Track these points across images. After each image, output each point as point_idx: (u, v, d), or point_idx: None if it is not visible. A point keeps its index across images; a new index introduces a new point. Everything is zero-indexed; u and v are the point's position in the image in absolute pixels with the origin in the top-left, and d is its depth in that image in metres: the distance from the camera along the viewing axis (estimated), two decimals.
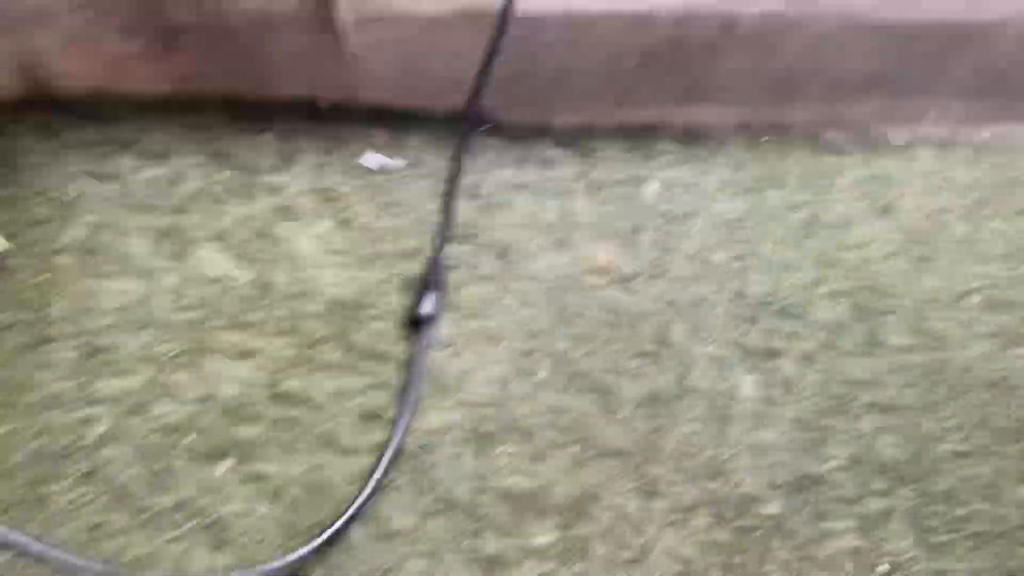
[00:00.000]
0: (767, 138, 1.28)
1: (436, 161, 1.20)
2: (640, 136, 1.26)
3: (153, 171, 1.16)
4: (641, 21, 1.11)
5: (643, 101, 1.25)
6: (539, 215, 1.18)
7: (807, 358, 1.09)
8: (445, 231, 1.12)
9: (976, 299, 1.18)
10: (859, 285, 1.16)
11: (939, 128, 1.33)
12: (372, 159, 1.19)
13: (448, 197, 1.12)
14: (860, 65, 1.23)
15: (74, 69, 1.11)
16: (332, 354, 1.05)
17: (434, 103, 1.21)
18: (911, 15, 1.14)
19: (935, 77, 1.27)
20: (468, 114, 1.12)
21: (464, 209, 1.16)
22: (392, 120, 1.22)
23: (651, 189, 1.22)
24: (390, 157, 1.20)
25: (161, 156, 1.17)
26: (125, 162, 1.16)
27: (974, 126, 1.34)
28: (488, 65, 1.08)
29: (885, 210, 1.24)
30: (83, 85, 1.14)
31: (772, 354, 1.09)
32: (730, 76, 1.22)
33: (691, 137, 1.28)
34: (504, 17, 1.06)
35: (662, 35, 1.14)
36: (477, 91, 1.10)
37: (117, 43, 1.08)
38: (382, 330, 1.07)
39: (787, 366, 1.08)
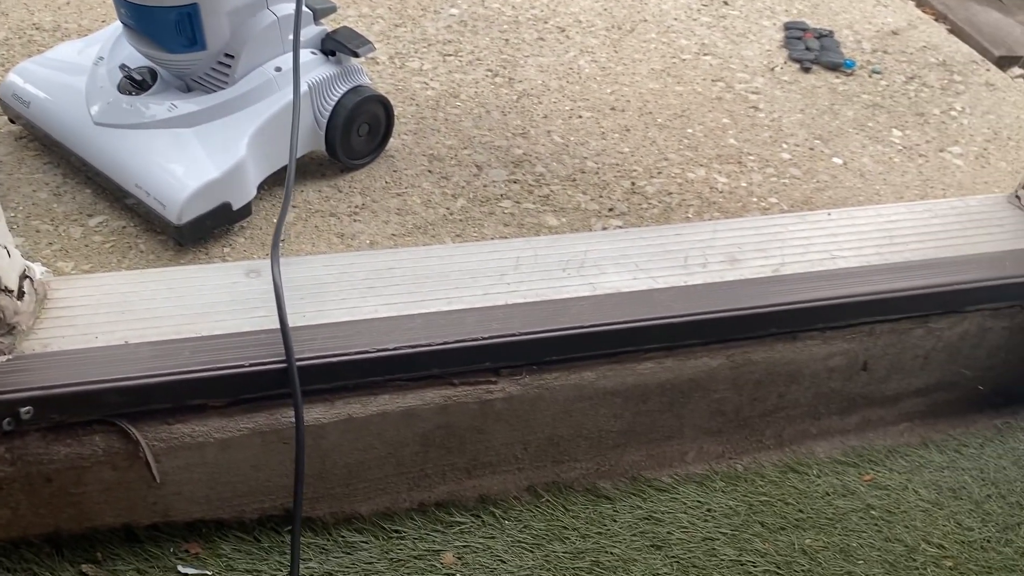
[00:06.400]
0: (547, 496, 1.45)
1: (250, 563, 1.31)
2: (436, 512, 1.42)
3: None
4: (408, 415, 1.32)
5: (434, 481, 1.42)
6: None
7: None
8: None
9: None
10: None
11: (698, 466, 1.54)
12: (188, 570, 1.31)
13: None
14: (611, 424, 1.45)
15: None
16: None
17: (244, 511, 1.35)
18: (626, 380, 1.39)
19: (678, 425, 1.50)
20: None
21: None
22: (206, 531, 1.35)
23: (447, 558, 1.34)
24: (202, 569, 1.31)
25: None
26: None
27: (728, 460, 1.55)
28: (298, 479, 1.26)
29: (659, 545, 1.38)
30: None
31: None
32: (503, 448, 1.42)
33: (483, 505, 1.44)
34: (299, 431, 1.25)
35: (431, 424, 1.34)
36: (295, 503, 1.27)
37: None
38: None
39: None
